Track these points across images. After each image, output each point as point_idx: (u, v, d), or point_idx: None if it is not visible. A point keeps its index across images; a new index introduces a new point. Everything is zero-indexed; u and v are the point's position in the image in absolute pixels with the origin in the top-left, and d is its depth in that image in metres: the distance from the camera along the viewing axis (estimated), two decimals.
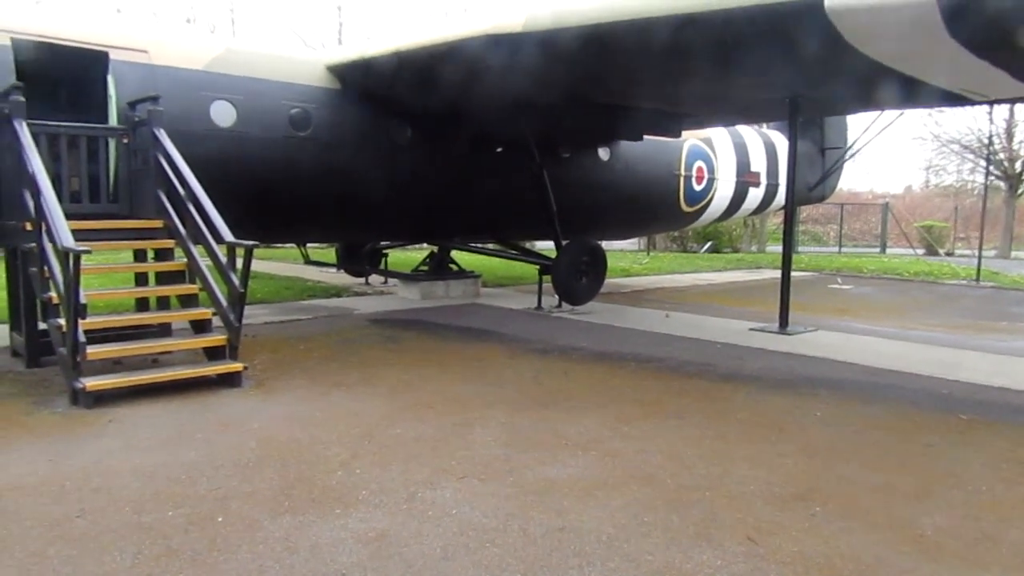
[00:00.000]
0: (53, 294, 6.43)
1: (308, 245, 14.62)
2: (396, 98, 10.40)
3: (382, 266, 14.34)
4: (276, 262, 18.26)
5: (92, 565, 3.38)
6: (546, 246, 16.37)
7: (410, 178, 11.01)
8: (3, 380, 6.65)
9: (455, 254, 14.02)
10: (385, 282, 14.37)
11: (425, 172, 11.14)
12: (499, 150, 11.99)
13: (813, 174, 17.47)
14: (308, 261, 14.92)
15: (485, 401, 6.21)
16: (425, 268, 13.55)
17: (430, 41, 8.86)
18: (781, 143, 17.17)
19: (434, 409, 5.96)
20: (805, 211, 33.77)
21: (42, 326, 7.03)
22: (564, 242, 11.57)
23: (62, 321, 6.17)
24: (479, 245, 13.60)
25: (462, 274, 13.51)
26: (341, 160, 10.20)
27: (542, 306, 11.54)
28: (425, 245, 14.41)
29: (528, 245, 16.63)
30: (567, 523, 3.90)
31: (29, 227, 6.70)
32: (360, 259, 14.34)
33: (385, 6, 44.02)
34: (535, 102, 10.23)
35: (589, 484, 4.44)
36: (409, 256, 17.11)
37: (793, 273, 10.49)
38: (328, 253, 16.51)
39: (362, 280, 14.69)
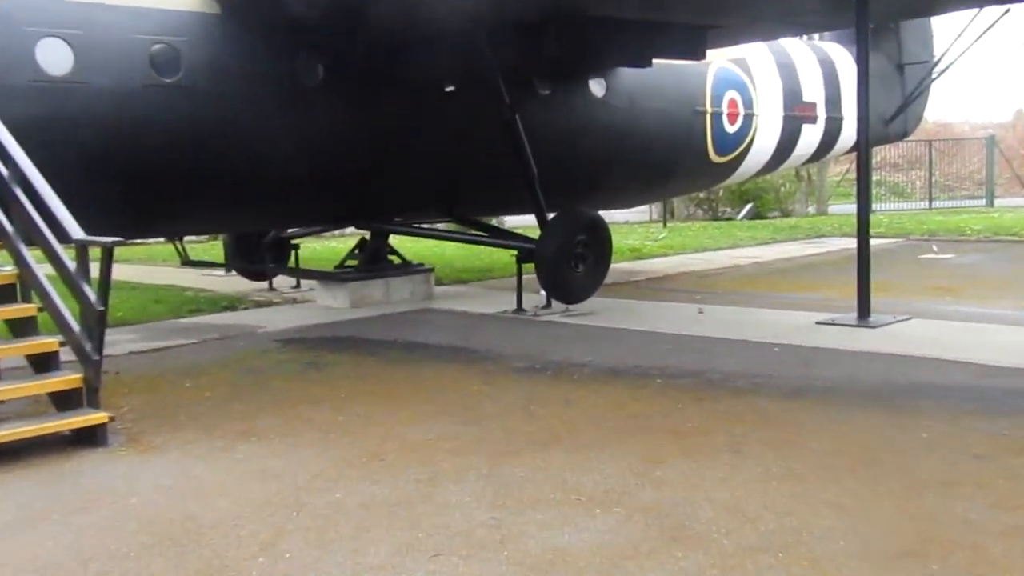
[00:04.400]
0: None
1: (185, 239, 14.51)
2: (301, 23, 10.36)
3: (292, 263, 14.27)
4: (137, 265, 18.11)
5: None
6: (519, 222, 16.45)
7: (325, 134, 10.98)
8: None
9: (395, 240, 14.01)
10: (297, 285, 14.34)
11: (346, 125, 11.13)
12: (449, 89, 12.00)
13: (890, 101, 17.73)
14: (186, 261, 14.82)
15: (457, 446, 6.23)
16: (354, 263, 13.51)
17: None
18: (843, 61, 17.38)
19: (386, 461, 5.97)
20: (880, 153, 34.22)
21: None
22: (550, 215, 11.61)
23: None
24: (428, 227, 13.59)
25: (407, 268, 13.49)
26: (226, 114, 10.15)
27: (523, 308, 11.59)
28: (352, 230, 14.37)
29: (496, 222, 16.71)
30: None
31: None
32: (259, 254, 14.24)
33: None
34: (500, 20, 10.25)
35: (615, 553, 4.48)
36: (330, 247, 17.08)
37: (872, 241, 10.64)
38: (214, 248, 16.40)
39: (264, 284, 14.62)
